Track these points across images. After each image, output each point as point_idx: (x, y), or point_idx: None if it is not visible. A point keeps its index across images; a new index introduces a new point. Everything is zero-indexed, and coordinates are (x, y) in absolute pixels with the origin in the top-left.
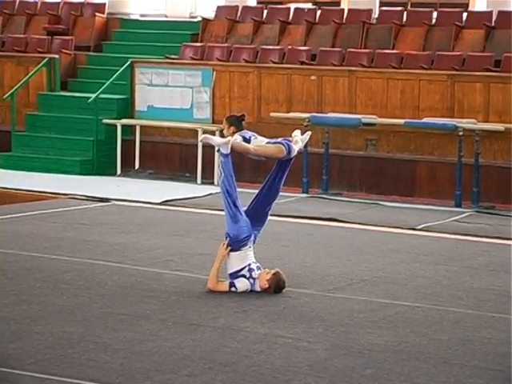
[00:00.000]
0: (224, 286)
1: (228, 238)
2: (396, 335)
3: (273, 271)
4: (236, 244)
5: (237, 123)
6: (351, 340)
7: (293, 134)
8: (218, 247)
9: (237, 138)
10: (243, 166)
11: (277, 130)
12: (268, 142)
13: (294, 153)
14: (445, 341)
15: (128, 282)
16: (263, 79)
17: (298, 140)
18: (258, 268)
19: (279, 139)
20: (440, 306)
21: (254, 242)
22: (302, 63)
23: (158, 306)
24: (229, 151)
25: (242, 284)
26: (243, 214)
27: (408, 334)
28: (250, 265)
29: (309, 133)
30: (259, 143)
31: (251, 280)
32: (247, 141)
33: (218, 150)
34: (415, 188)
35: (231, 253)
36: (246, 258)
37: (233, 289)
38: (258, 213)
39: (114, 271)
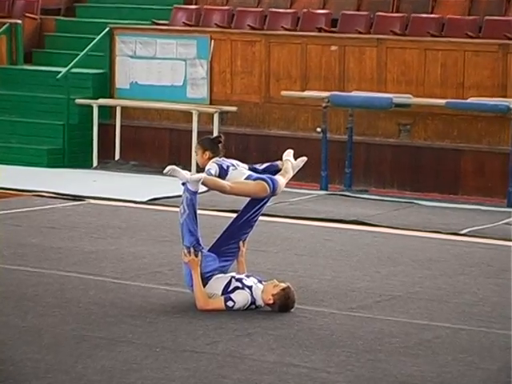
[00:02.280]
0: (218, 302)
1: (185, 248)
2: (435, 364)
3: (282, 285)
4: (202, 281)
5: (213, 147)
6: (380, 370)
7: (283, 157)
8: (185, 259)
9: (211, 168)
10: (248, 161)
11: (289, 113)
12: (249, 176)
13: (280, 190)
14: (494, 371)
15: (106, 298)
16: (272, 50)
17: (289, 168)
18: (248, 276)
19: (263, 167)
20: (489, 329)
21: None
22: (320, 30)
23: (143, 328)
24: (198, 189)
25: (240, 296)
26: (205, 251)
27: (450, 362)
28: (233, 276)
29: (304, 159)
30: (238, 177)
31: (247, 289)
32: (225, 171)
33: (184, 184)
34: (459, 184)
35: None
36: (223, 277)
37: (229, 303)
38: (226, 248)
39: (90, 285)
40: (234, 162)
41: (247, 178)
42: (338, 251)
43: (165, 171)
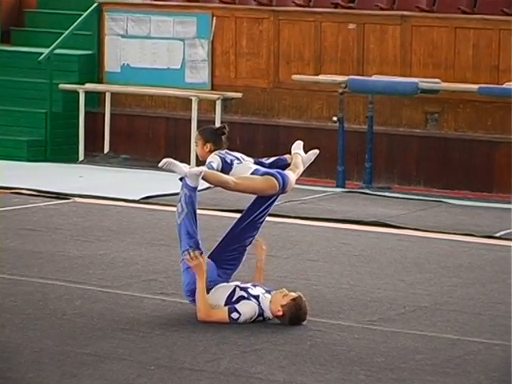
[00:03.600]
0: (222, 312)
1: (187, 250)
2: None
3: (293, 295)
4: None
5: (215, 138)
6: None
7: (292, 150)
8: (191, 262)
9: (213, 161)
10: (255, 153)
11: (300, 100)
12: (256, 171)
13: (290, 186)
14: None
15: (94, 309)
16: (282, 29)
17: (299, 163)
18: (254, 286)
19: (270, 161)
20: None
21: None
22: (336, 6)
23: (135, 344)
24: (198, 184)
25: (246, 307)
26: (205, 257)
27: (483, 382)
28: (237, 285)
29: (316, 152)
30: (243, 171)
31: (253, 300)
32: (228, 166)
33: (182, 179)
34: (493, 180)
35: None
36: (225, 286)
37: (234, 315)
38: (228, 255)
39: (75, 295)
40: (239, 155)
41: (253, 173)
42: (356, 256)
43: (160, 164)
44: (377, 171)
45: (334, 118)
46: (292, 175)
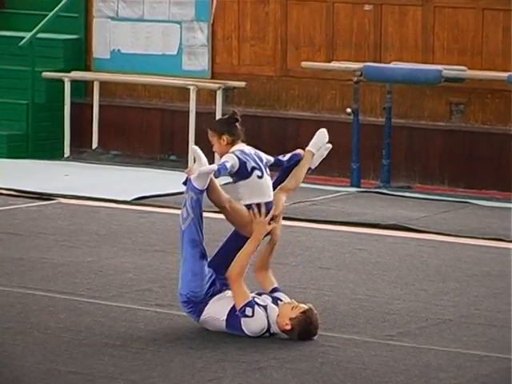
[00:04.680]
0: (246, 294)
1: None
2: None
3: (303, 307)
4: (197, 305)
5: (230, 128)
6: None
7: (309, 146)
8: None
9: (228, 161)
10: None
11: (311, 89)
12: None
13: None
14: None
15: (81, 323)
16: (290, 10)
17: (304, 165)
18: (260, 294)
19: (287, 158)
20: None
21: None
22: None
23: (127, 361)
24: (206, 186)
25: (258, 315)
26: (206, 267)
27: None
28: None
29: (328, 146)
30: (258, 190)
31: (261, 309)
32: (246, 173)
33: (186, 183)
34: None
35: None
36: (225, 297)
37: (248, 310)
38: (228, 265)
39: (60, 307)
40: (263, 157)
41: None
42: (373, 264)
43: (192, 147)
44: (396, 169)
45: (348, 110)
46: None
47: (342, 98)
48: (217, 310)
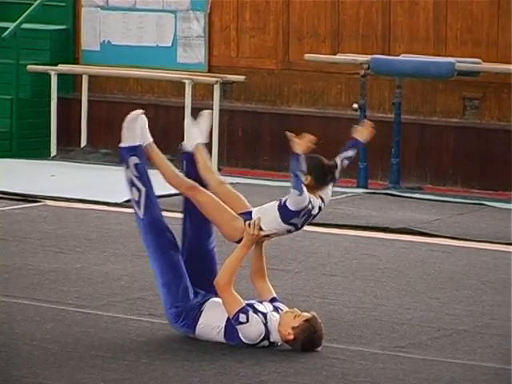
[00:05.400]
0: (238, 302)
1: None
2: None
3: (306, 316)
4: (188, 317)
5: (319, 174)
6: None
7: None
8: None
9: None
10: (260, 147)
11: (315, 84)
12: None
13: None
14: None
15: (69, 333)
16: None
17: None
18: (261, 302)
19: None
20: None
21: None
22: None
23: (117, 374)
24: (138, 142)
25: (254, 320)
26: (182, 262)
27: None
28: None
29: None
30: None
31: (260, 316)
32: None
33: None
34: None
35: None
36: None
37: (242, 317)
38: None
39: (47, 316)
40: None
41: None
42: (381, 270)
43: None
44: (405, 168)
45: (355, 106)
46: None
47: (348, 93)
48: (213, 319)
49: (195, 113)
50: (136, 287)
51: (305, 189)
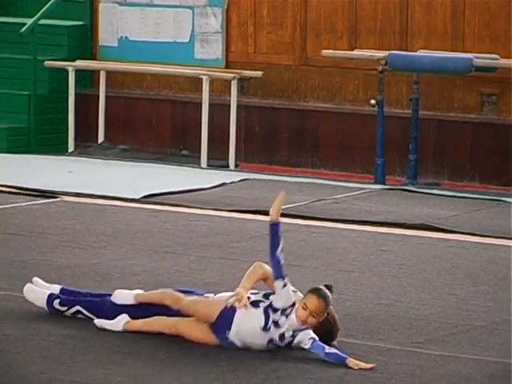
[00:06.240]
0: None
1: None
2: None
3: None
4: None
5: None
6: None
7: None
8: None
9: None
10: (278, 143)
11: (332, 80)
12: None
13: None
14: None
15: (86, 329)
16: None
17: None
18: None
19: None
20: None
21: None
22: None
23: (134, 370)
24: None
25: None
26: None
27: None
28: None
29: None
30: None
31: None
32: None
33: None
34: None
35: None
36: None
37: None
38: None
39: None
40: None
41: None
42: (398, 266)
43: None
44: (423, 164)
45: (372, 101)
46: None
47: (365, 89)
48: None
49: (213, 109)
50: (153, 282)
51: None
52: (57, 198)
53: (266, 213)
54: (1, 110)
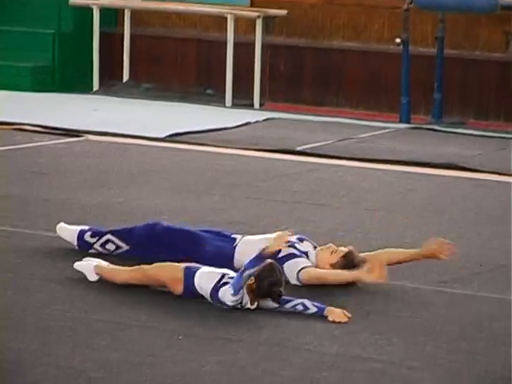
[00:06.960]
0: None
1: None
2: None
3: (343, 251)
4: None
5: (262, 293)
6: (479, 365)
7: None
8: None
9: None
10: (302, 82)
11: (357, 18)
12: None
13: None
14: None
15: None
16: None
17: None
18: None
19: None
20: None
21: None
22: None
23: (162, 309)
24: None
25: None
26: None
27: None
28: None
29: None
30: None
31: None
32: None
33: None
34: None
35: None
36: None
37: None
38: None
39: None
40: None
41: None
42: (423, 205)
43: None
44: (448, 103)
45: (398, 40)
46: None
47: (390, 28)
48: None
49: (237, 47)
50: (178, 222)
51: (242, 291)
52: (81, 136)
53: (291, 152)
54: (25, 48)
